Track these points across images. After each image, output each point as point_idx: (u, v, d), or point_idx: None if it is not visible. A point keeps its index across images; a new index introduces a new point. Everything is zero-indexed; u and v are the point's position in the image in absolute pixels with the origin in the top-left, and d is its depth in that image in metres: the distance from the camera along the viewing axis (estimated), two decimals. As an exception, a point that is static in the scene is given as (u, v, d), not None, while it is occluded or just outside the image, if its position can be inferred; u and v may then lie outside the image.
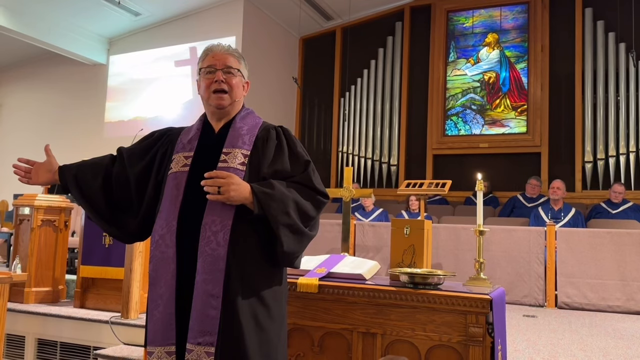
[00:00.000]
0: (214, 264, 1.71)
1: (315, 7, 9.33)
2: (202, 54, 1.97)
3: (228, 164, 1.80)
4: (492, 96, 8.89)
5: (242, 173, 1.79)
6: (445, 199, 8.30)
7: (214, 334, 1.69)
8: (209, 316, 1.69)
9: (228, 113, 1.92)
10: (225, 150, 1.84)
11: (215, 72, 1.89)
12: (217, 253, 1.72)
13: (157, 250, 1.79)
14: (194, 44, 9.21)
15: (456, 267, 5.22)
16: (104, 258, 4.16)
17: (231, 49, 1.97)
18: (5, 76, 11.33)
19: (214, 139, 1.90)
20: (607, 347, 3.46)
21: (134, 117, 9.65)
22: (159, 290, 1.77)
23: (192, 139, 1.92)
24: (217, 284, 1.70)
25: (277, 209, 1.73)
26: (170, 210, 1.79)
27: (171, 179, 1.85)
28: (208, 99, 1.90)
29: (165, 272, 1.76)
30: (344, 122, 9.68)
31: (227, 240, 1.72)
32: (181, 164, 1.86)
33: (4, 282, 3.23)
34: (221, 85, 1.88)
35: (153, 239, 1.82)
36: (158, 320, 1.76)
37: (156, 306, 1.77)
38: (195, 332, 1.70)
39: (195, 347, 1.70)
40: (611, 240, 5.11)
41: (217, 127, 1.92)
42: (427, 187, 2.96)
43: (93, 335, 3.89)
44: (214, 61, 1.91)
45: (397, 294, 2.20)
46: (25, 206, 4.50)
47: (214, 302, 1.70)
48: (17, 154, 9.21)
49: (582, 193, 8.01)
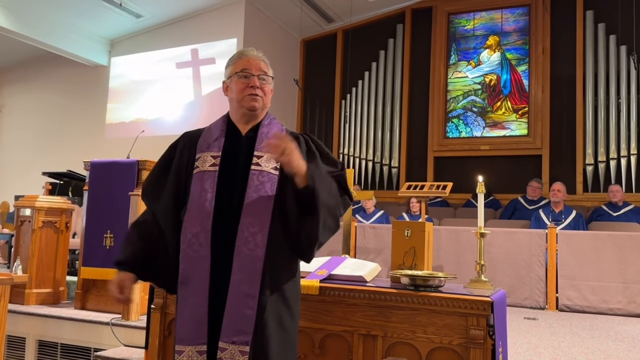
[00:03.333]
0: (252, 265, 1.74)
1: (316, 9, 9.35)
2: (235, 57, 1.96)
3: (261, 167, 1.83)
4: (493, 98, 8.89)
5: (275, 177, 1.83)
6: (446, 201, 8.30)
7: (249, 334, 1.72)
8: (245, 315, 1.72)
9: (257, 117, 1.93)
10: (257, 153, 1.85)
11: (251, 77, 1.89)
12: (255, 254, 1.74)
13: (190, 249, 1.78)
14: (195, 46, 9.23)
15: (457, 269, 5.21)
16: (104, 259, 4.16)
17: (263, 55, 1.98)
18: (6, 77, 11.35)
19: (241, 141, 1.91)
20: (608, 349, 3.46)
21: (135, 118, 9.66)
22: (191, 289, 1.77)
23: (218, 139, 1.91)
24: (254, 284, 1.73)
25: (323, 188, 1.76)
26: (202, 209, 1.79)
27: (198, 177, 1.85)
28: (241, 101, 1.90)
29: (199, 270, 1.76)
30: (345, 124, 9.68)
31: (266, 241, 1.75)
32: (209, 163, 1.86)
33: (5, 284, 3.23)
34: (256, 91, 1.89)
35: (184, 237, 1.80)
36: (189, 319, 1.75)
37: (187, 305, 1.77)
38: (230, 330, 1.72)
39: (229, 345, 1.72)
40: (612, 243, 5.10)
41: (244, 130, 1.93)
42: (428, 189, 2.96)
43: (94, 337, 3.89)
44: (249, 66, 1.91)
45: (398, 296, 2.20)
46: (26, 207, 4.50)
47: (250, 301, 1.72)
48: (19, 155, 9.25)
49: (583, 195, 8.01)
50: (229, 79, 1.95)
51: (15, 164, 10.63)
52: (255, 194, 1.79)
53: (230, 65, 1.97)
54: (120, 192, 4.09)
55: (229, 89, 1.95)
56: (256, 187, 1.80)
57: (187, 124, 9.09)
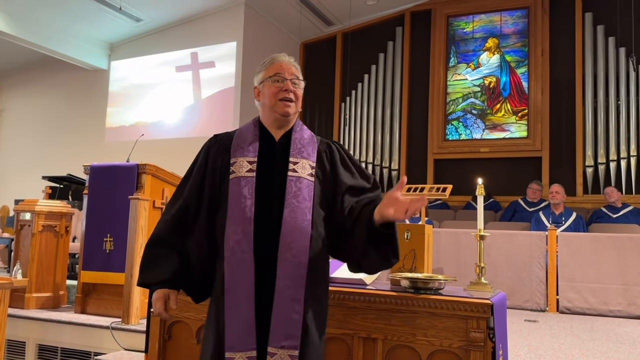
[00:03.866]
0: (296, 271, 1.77)
1: (315, 12, 9.36)
2: (267, 62, 1.97)
3: (298, 173, 1.86)
4: (492, 101, 8.90)
5: (311, 184, 1.86)
6: (446, 204, 8.29)
7: (297, 338, 1.75)
8: (293, 320, 1.75)
9: (289, 122, 1.94)
10: (292, 159, 1.88)
11: (284, 81, 1.91)
12: (298, 260, 1.77)
13: (233, 256, 1.78)
14: (194, 50, 9.24)
15: (457, 271, 5.21)
16: (104, 263, 4.15)
17: (294, 61, 2.00)
18: (6, 82, 11.37)
19: (275, 146, 1.92)
20: (608, 351, 3.45)
21: (135, 122, 9.67)
22: (237, 295, 1.77)
23: (252, 144, 1.91)
24: (300, 289, 1.77)
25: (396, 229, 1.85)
26: (243, 215, 1.80)
27: (235, 183, 1.84)
28: (274, 106, 1.90)
29: (243, 277, 1.77)
30: (344, 127, 9.69)
31: (308, 247, 1.79)
32: (245, 168, 1.86)
33: (5, 288, 3.23)
34: (289, 95, 1.91)
35: (227, 244, 1.80)
36: (237, 325, 1.76)
37: (234, 312, 1.77)
38: (279, 336, 1.74)
39: (278, 350, 1.74)
40: (612, 245, 5.10)
41: (277, 136, 1.93)
42: (427, 191, 2.95)
43: (94, 341, 3.88)
44: (282, 70, 1.92)
45: (398, 299, 2.20)
46: (26, 211, 4.50)
47: (297, 306, 1.76)
48: (19, 159, 9.25)
49: (583, 197, 8.01)
50: (260, 84, 1.96)
51: (15, 168, 10.64)
52: (295, 200, 1.81)
53: (262, 70, 1.97)
54: (120, 195, 4.09)
55: (261, 93, 1.96)
56: (294, 193, 1.82)
57: (187, 128, 9.11)
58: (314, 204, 1.84)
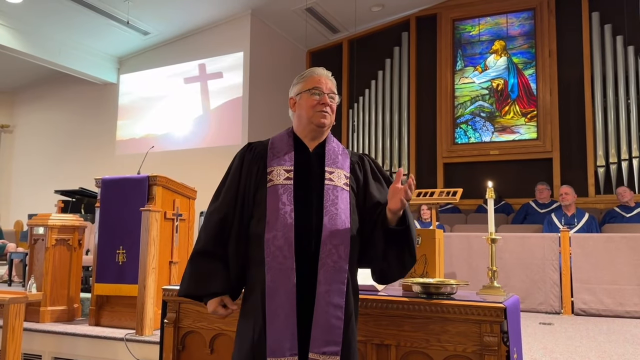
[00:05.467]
0: (337, 276, 1.81)
1: (321, 20, 9.40)
2: (306, 75, 2.01)
3: (334, 182, 1.92)
4: (501, 103, 8.87)
5: (347, 193, 1.93)
6: (457, 208, 8.26)
7: (339, 344, 1.78)
8: (334, 326, 1.78)
9: (323, 134, 2.00)
10: (328, 169, 1.93)
11: (322, 95, 1.96)
12: (339, 265, 1.82)
13: (274, 262, 1.81)
14: (202, 61, 9.31)
15: (470, 275, 5.18)
16: (118, 275, 4.18)
17: (332, 76, 2.05)
18: (18, 98, 11.51)
19: (310, 156, 1.97)
20: (625, 353, 3.41)
21: (145, 134, 9.74)
22: (279, 301, 1.80)
23: (288, 153, 1.96)
24: (341, 295, 1.81)
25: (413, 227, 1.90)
26: (283, 222, 1.83)
27: (273, 190, 1.88)
28: (311, 117, 1.95)
29: (285, 282, 1.80)
30: (353, 133, 9.70)
31: (348, 253, 1.84)
32: (283, 177, 1.91)
33: (20, 302, 3.26)
34: (326, 108, 1.96)
35: (268, 250, 1.83)
36: (279, 331, 1.78)
37: (276, 317, 1.79)
38: (320, 341, 1.77)
39: (320, 356, 1.77)
40: (627, 245, 5.05)
41: (311, 146, 1.98)
42: (438, 195, 2.95)
43: (108, 353, 3.90)
44: (320, 84, 1.97)
45: (410, 304, 2.19)
46: (39, 226, 4.54)
47: (338, 312, 1.80)
48: (31, 175, 9.37)
49: (596, 198, 7.94)
50: (297, 95, 2.00)
51: (27, 182, 10.75)
52: (333, 207, 1.87)
53: (300, 82, 2.02)
54: (132, 208, 4.11)
55: (298, 104, 2.00)
56: (332, 200, 1.88)
57: (197, 138, 9.16)
58: (350, 212, 1.90)
